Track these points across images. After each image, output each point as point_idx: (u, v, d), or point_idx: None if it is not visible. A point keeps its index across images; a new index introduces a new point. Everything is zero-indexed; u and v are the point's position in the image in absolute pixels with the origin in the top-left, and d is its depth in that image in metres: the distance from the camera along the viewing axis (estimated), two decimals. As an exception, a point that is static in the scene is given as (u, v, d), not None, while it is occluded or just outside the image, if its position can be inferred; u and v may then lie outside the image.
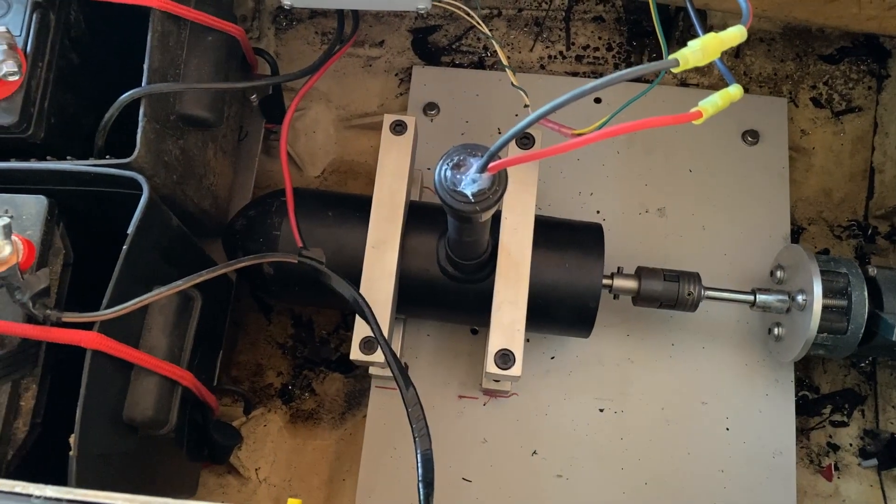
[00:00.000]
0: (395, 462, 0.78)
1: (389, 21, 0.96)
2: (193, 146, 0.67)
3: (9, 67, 0.54)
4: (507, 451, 0.78)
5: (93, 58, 0.66)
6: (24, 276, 0.50)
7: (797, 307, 0.71)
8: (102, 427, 0.53)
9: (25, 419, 0.51)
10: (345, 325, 0.89)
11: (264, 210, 0.71)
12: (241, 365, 0.88)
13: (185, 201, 0.66)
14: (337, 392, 0.88)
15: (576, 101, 0.41)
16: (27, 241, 0.51)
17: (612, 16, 0.95)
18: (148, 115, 0.58)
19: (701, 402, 0.79)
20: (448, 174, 0.47)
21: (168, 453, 0.65)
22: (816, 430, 0.83)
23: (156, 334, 0.56)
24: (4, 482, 0.36)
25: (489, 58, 0.95)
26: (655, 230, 0.84)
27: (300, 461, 0.85)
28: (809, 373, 0.85)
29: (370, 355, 0.65)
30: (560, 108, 0.42)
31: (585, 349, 0.80)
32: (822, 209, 0.90)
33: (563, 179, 0.86)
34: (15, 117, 0.56)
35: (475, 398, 0.80)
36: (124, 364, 0.54)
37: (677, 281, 0.72)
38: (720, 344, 0.80)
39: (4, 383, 0.50)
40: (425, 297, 0.70)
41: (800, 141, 0.91)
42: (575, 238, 0.70)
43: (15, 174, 0.55)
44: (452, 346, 0.82)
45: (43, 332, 0.50)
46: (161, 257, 0.58)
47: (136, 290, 0.54)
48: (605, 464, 0.77)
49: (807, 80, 0.92)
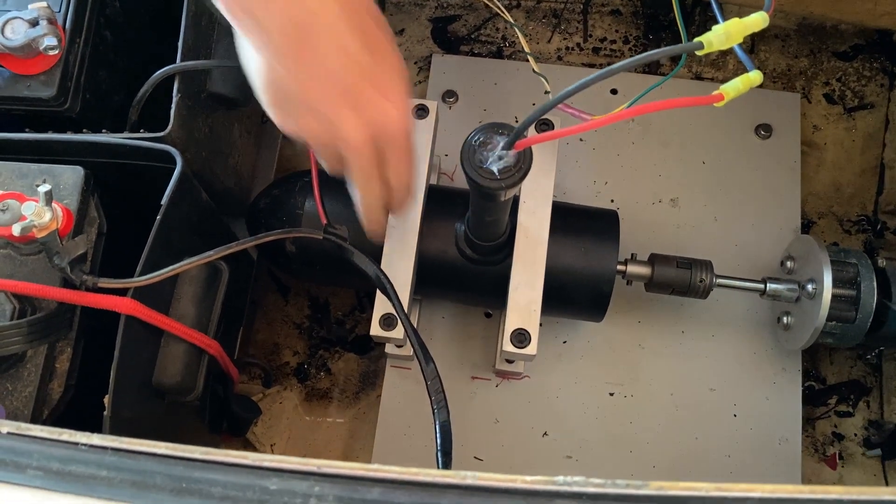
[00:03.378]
0: (408, 440, 0.80)
1: (409, 10, 0.98)
2: (221, 125, 0.69)
3: (49, 42, 0.56)
4: (518, 431, 0.80)
5: (124, 36, 0.67)
6: (63, 242, 0.52)
7: (807, 296, 0.72)
8: (133, 390, 0.54)
9: (60, 381, 0.53)
10: (360, 307, 0.91)
11: (288, 189, 0.73)
12: (258, 343, 0.90)
13: (213, 179, 0.68)
14: (351, 372, 0.89)
15: (600, 81, 0.43)
16: (66, 209, 0.53)
17: (630, 9, 0.97)
18: (182, 92, 0.59)
19: (709, 388, 0.80)
20: (474, 152, 0.49)
21: (191, 422, 0.67)
22: (822, 419, 0.85)
23: (185, 303, 0.58)
24: (52, 429, 0.38)
25: (507, 47, 0.96)
26: (668, 220, 0.86)
27: (315, 438, 0.87)
28: (816, 364, 0.86)
29: (390, 331, 0.66)
30: (581, 91, 0.43)
31: (597, 334, 0.82)
32: (833, 204, 0.91)
33: (579, 168, 0.88)
34: (53, 90, 0.58)
35: (488, 379, 0.82)
36: (155, 330, 0.56)
37: (690, 268, 0.73)
38: (729, 332, 0.82)
39: (41, 345, 0.52)
40: (443, 277, 0.72)
41: (812, 136, 0.92)
42: (591, 223, 0.72)
43: (53, 145, 0.57)
44: (467, 329, 0.83)
45: (80, 297, 0.52)
46: (191, 230, 0.60)
47: (167, 261, 0.56)
48: (614, 447, 0.79)
49: (820, 77, 0.93)
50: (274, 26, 0.45)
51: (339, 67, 0.47)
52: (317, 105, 0.48)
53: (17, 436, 0.38)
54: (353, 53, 0.47)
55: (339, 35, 0.47)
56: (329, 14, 0.46)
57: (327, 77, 0.47)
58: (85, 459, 0.37)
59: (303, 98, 0.48)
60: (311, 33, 0.46)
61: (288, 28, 0.45)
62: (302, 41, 0.46)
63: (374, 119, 0.49)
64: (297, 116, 0.50)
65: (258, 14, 0.45)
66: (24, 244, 0.53)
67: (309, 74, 0.47)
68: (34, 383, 0.51)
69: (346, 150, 0.51)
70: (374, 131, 0.50)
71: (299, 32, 0.46)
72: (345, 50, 0.47)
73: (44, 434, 0.38)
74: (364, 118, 0.49)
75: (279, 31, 0.46)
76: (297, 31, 0.45)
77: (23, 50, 0.56)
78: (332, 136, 0.50)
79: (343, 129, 0.49)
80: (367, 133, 0.49)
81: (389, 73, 0.50)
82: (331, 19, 0.46)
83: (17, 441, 0.38)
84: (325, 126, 0.49)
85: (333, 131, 0.49)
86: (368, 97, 0.49)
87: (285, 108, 0.50)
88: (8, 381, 0.51)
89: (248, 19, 0.46)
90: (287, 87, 0.48)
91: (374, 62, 0.49)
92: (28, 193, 0.54)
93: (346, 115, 0.48)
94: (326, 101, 0.48)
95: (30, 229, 0.50)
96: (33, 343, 0.51)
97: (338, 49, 0.47)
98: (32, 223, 0.50)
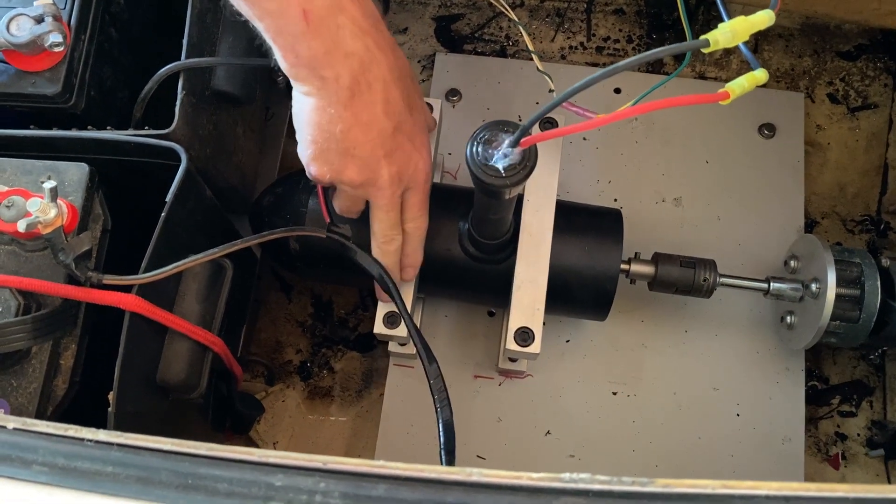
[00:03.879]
0: (410, 438, 0.80)
1: (413, 8, 0.98)
2: (225, 123, 0.69)
3: (54, 38, 0.56)
4: (521, 430, 0.80)
5: (129, 33, 0.67)
6: (68, 238, 0.52)
7: (810, 295, 0.72)
8: (137, 387, 0.54)
9: (65, 377, 0.53)
10: (363, 305, 0.91)
11: (292, 187, 0.72)
12: (261, 341, 0.90)
13: (216, 176, 0.68)
14: (354, 370, 0.89)
15: (604, 80, 0.43)
16: (71, 205, 0.53)
17: (633, 8, 0.97)
18: (186, 89, 0.59)
19: (713, 388, 0.80)
20: (479, 149, 0.49)
21: (194, 420, 0.67)
22: (825, 419, 0.85)
23: (189, 301, 0.58)
24: (57, 425, 0.38)
25: (511, 46, 0.96)
26: (671, 219, 0.86)
27: (317, 436, 0.87)
28: (819, 364, 0.86)
29: (393, 330, 0.66)
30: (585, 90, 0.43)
31: (600, 333, 0.82)
32: (836, 203, 0.91)
33: (582, 167, 0.88)
34: (58, 87, 0.58)
35: (491, 378, 0.82)
36: (159, 327, 0.56)
37: (693, 267, 0.73)
38: (732, 332, 0.82)
39: (46, 342, 0.52)
40: (446, 276, 0.72)
41: (815, 136, 0.92)
42: (594, 222, 0.72)
43: (58, 142, 0.57)
44: (469, 328, 0.83)
45: (84, 293, 0.52)
46: (195, 228, 0.60)
47: (171, 258, 0.56)
48: (616, 446, 0.79)
49: (824, 76, 0.93)
50: (335, 80, 0.51)
51: (383, 115, 0.53)
52: (358, 150, 0.54)
53: (23, 431, 0.38)
54: (394, 104, 0.54)
55: (386, 87, 0.53)
56: (382, 69, 0.52)
57: (370, 124, 0.53)
58: (90, 455, 0.37)
59: (345, 143, 0.53)
60: (364, 84, 0.52)
61: (346, 81, 0.51)
62: (356, 92, 0.52)
63: (405, 166, 0.56)
64: (336, 161, 0.54)
65: (324, 72, 0.50)
66: (28, 240, 0.53)
67: (356, 120, 0.52)
68: (39, 380, 0.51)
69: (375, 193, 0.57)
70: (402, 177, 0.56)
71: (356, 84, 0.51)
72: (389, 101, 0.53)
73: (49, 430, 0.38)
74: (396, 165, 0.55)
75: (338, 84, 0.51)
76: (354, 82, 0.51)
77: (28, 46, 0.56)
78: (365, 180, 0.55)
79: (378, 173, 0.55)
80: (397, 179, 0.56)
81: (420, 124, 0.58)
82: (383, 72, 0.53)
83: (23, 437, 0.38)
84: (361, 170, 0.55)
85: (368, 175, 0.55)
86: (401, 146, 0.55)
87: (327, 153, 0.54)
88: (12, 377, 0.51)
89: (313, 76, 0.51)
90: (333, 132, 0.53)
91: (409, 114, 0.55)
92: (33, 190, 0.54)
93: (382, 161, 0.54)
94: (367, 147, 0.54)
95: (35, 226, 0.50)
96: (38, 340, 0.51)
97: (384, 100, 0.53)
98: (38, 219, 0.50)
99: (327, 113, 0.52)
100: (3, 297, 0.51)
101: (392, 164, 0.55)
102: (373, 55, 0.52)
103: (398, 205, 0.58)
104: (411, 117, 0.55)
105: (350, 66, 0.51)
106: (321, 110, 0.52)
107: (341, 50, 0.50)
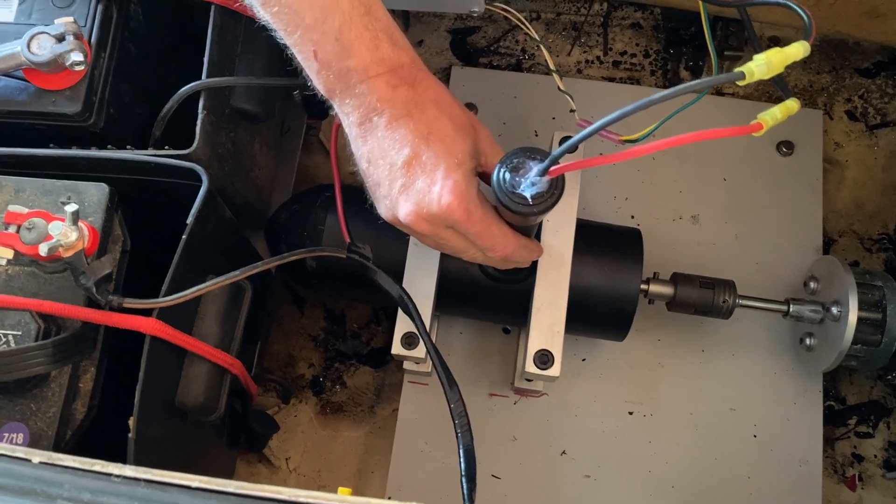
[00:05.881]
0: (425, 456, 0.79)
1: (429, 21, 0.97)
2: (243, 140, 0.68)
3: (76, 57, 0.55)
4: (536, 449, 0.79)
5: (146, 48, 0.67)
6: (89, 261, 0.51)
7: (831, 318, 0.71)
8: (156, 411, 0.54)
9: (84, 401, 0.52)
10: (376, 320, 0.90)
11: (309, 204, 0.72)
12: (273, 355, 0.90)
13: (234, 194, 0.67)
14: (367, 385, 0.89)
15: (641, 111, 0.42)
16: (92, 228, 0.52)
17: (650, 23, 0.96)
18: (207, 108, 0.59)
19: (729, 408, 0.80)
20: (507, 176, 0.48)
21: (210, 440, 0.67)
22: (841, 440, 0.84)
23: (209, 322, 0.57)
24: (83, 460, 0.37)
25: (527, 60, 0.96)
26: (688, 237, 0.85)
27: (330, 452, 0.86)
28: (836, 383, 0.86)
29: (412, 350, 0.66)
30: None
31: (616, 352, 0.81)
32: (853, 222, 0.91)
33: (599, 184, 0.87)
34: (79, 106, 0.57)
35: (506, 396, 0.81)
36: (178, 350, 0.55)
37: (712, 288, 0.72)
38: (750, 352, 0.81)
39: (65, 366, 0.51)
40: (464, 295, 0.71)
41: (833, 153, 0.91)
42: (614, 242, 0.71)
43: (78, 161, 0.57)
44: (484, 345, 0.83)
45: (105, 317, 0.51)
46: (215, 248, 0.59)
47: (191, 279, 0.55)
48: (632, 466, 0.78)
49: (842, 93, 0.93)
50: (346, 116, 0.52)
51: (391, 149, 0.52)
52: (380, 191, 0.54)
53: (49, 465, 0.37)
54: (405, 137, 0.52)
55: (395, 120, 0.52)
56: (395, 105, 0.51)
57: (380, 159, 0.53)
58: (117, 491, 0.36)
59: (368, 180, 0.54)
60: (375, 118, 0.52)
61: (356, 118, 0.52)
62: (368, 129, 0.52)
63: (423, 202, 0.52)
64: (372, 198, 0.55)
65: (342, 108, 0.52)
66: (48, 262, 0.52)
67: (371, 155, 0.53)
68: (58, 404, 0.51)
69: (411, 233, 0.56)
70: (421, 213, 0.52)
71: (367, 121, 0.52)
72: (397, 136, 0.52)
73: (75, 464, 0.37)
74: (412, 202, 0.52)
75: (349, 121, 0.52)
76: (364, 119, 0.52)
77: (49, 65, 0.56)
78: (392, 219, 0.54)
79: (396, 212, 0.53)
80: (417, 216, 0.52)
81: (441, 154, 0.53)
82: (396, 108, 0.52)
83: (48, 471, 0.37)
84: (387, 209, 0.54)
85: (391, 214, 0.54)
86: (415, 180, 0.52)
87: (370, 189, 0.55)
88: (32, 401, 0.51)
89: (341, 112, 0.52)
90: (362, 168, 0.54)
91: (426, 145, 0.52)
92: (53, 210, 0.53)
93: (399, 199, 0.52)
94: (385, 184, 0.53)
95: (56, 249, 0.49)
96: (58, 364, 0.50)
97: (391, 135, 0.52)
98: (59, 243, 0.49)
99: (354, 147, 0.54)
100: (23, 320, 0.51)
101: (408, 202, 0.52)
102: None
103: (451, 238, 0.54)
104: (429, 149, 0.51)
105: (359, 103, 0.51)
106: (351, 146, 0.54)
107: (351, 90, 0.50)
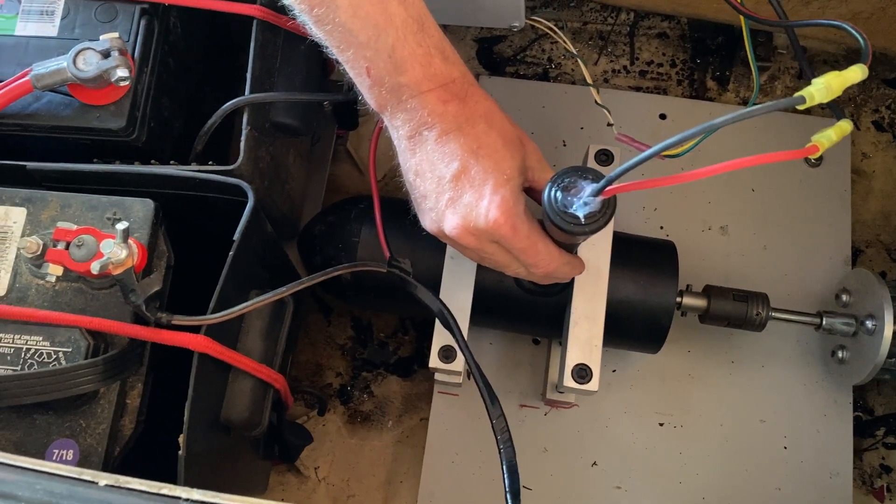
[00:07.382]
0: (456, 467, 0.79)
1: (455, 30, 0.97)
2: (280, 153, 0.68)
3: (122, 73, 0.56)
4: (567, 461, 0.79)
5: (185, 62, 0.67)
6: (138, 278, 0.51)
7: (865, 332, 0.71)
8: (203, 427, 0.54)
9: (131, 417, 0.53)
10: (403, 329, 0.91)
11: (344, 216, 0.72)
12: (301, 364, 0.90)
13: (272, 206, 0.67)
14: (394, 395, 0.89)
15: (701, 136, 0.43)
16: (140, 245, 0.52)
17: (677, 32, 0.96)
18: (251, 124, 0.59)
19: (759, 420, 0.80)
20: (559, 196, 0.48)
21: (247, 452, 0.67)
22: (869, 451, 0.84)
23: (253, 338, 0.58)
24: (151, 483, 0.37)
25: (553, 69, 0.96)
26: (717, 248, 0.85)
27: (358, 462, 0.86)
28: (864, 394, 0.86)
29: (449, 364, 0.66)
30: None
31: (647, 364, 0.81)
32: (880, 232, 0.91)
33: (628, 194, 0.86)
34: (123, 121, 0.57)
35: (536, 407, 0.81)
36: (224, 366, 0.55)
37: (746, 301, 0.73)
38: (780, 363, 0.81)
39: (114, 382, 0.51)
40: (498, 308, 0.72)
41: (860, 164, 0.91)
42: (649, 255, 0.71)
43: (122, 177, 0.57)
44: (514, 356, 0.83)
45: (153, 334, 0.51)
46: (257, 262, 0.60)
47: (236, 295, 0.55)
48: (663, 477, 0.79)
49: (869, 104, 0.93)
50: (396, 129, 0.53)
51: (440, 162, 0.52)
52: (426, 203, 0.54)
53: (115, 488, 0.38)
54: (453, 152, 0.52)
55: (444, 133, 0.52)
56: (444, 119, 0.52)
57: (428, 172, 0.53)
58: (185, 515, 0.36)
59: (414, 193, 0.55)
60: (425, 132, 0.52)
61: (406, 131, 0.53)
62: (418, 141, 0.53)
63: (469, 217, 0.52)
64: (417, 210, 0.56)
65: (392, 121, 0.53)
66: (96, 279, 0.53)
67: (419, 168, 0.53)
68: (108, 420, 0.51)
69: (456, 247, 0.56)
70: (468, 228, 0.52)
71: (417, 134, 0.52)
72: (447, 149, 0.52)
73: (142, 487, 0.37)
74: (459, 215, 0.52)
75: (399, 134, 0.53)
76: (414, 132, 0.52)
77: (94, 81, 0.56)
78: (436, 231, 0.54)
79: (442, 226, 0.53)
80: (463, 230, 0.52)
81: (490, 169, 0.53)
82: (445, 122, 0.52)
83: (115, 493, 0.37)
84: (433, 222, 0.54)
85: (436, 227, 0.54)
86: (462, 194, 0.52)
87: (415, 201, 0.56)
88: (81, 417, 0.51)
89: (391, 126, 0.53)
90: (409, 180, 0.54)
91: (476, 160, 0.52)
92: (99, 226, 0.54)
93: (446, 212, 0.53)
94: (433, 193, 0.53)
95: (107, 266, 0.49)
96: (108, 381, 0.50)
97: (440, 148, 0.52)
98: (109, 260, 0.49)
99: (402, 159, 0.54)
100: (72, 337, 0.51)
101: (455, 215, 0.52)
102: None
103: (495, 252, 0.54)
104: (478, 163, 0.51)
105: (410, 117, 0.51)
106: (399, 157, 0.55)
107: (402, 104, 0.51)
